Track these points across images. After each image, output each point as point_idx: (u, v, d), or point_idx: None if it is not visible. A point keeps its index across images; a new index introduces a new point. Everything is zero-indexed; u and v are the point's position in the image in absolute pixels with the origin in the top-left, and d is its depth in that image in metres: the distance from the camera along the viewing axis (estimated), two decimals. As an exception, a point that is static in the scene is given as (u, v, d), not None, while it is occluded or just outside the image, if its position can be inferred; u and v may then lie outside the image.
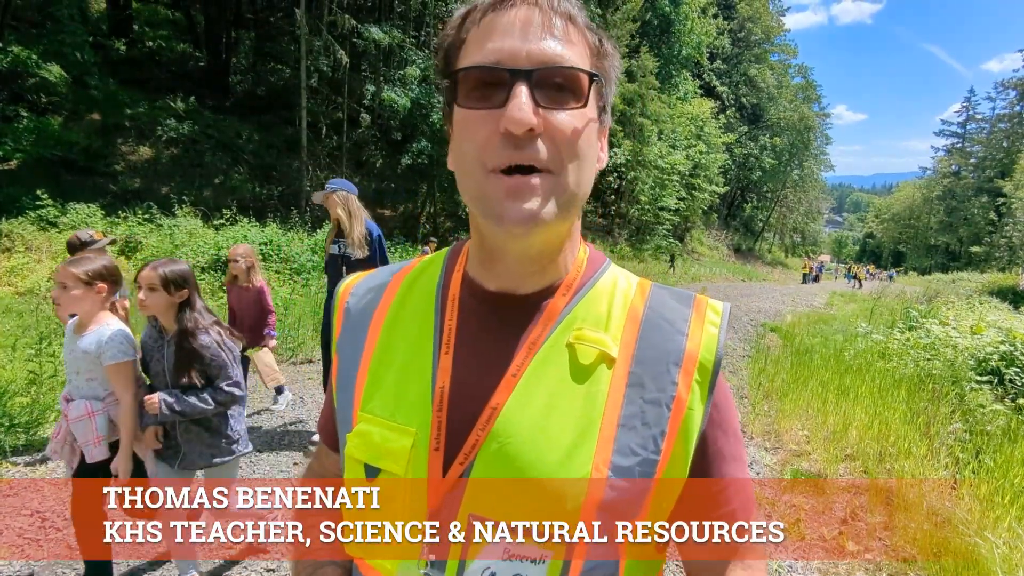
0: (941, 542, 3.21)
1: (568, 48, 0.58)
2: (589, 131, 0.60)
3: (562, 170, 0.57)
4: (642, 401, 0.61)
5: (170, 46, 19.03)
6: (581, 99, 0.58)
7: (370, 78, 16.99)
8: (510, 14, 0.58)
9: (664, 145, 27.41)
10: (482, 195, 0.57)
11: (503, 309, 0.66)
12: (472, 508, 0.59)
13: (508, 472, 0.59)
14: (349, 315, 0.74)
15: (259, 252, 10.57)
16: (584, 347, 0.63)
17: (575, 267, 0.68)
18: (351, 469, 0.66)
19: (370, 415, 0.65)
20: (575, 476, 0.58)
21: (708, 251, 37.94)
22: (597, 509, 0.58)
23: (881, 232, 74.00)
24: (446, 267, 0.72)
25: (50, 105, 13.39)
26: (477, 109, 0.57)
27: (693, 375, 0.62)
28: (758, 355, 8.07)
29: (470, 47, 0.59)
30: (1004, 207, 44.89)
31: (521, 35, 0.57)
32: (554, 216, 0.57)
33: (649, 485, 0.60)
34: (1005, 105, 55.53)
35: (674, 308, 0.67)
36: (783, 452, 4.81)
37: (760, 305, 15.61)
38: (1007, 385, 5.94)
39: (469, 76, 0.58)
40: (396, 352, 0.68)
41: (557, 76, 0.57)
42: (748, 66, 43.68)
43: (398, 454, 0.62)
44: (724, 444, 0.65)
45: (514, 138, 0.55)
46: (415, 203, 18.19)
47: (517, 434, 0.59)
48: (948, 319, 9.97)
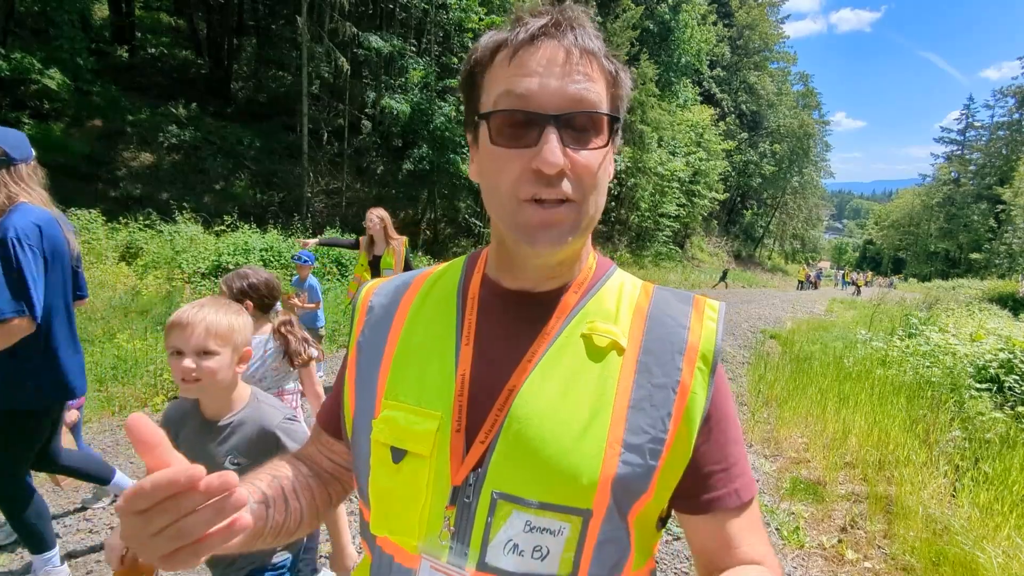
0: (940, 550, 3.21)
1: (591, 86, 0.63)
2: (607, 163, 0.68)
3: (584, 201, 0.65)
4: (650, 385, 0.67)
5: (172, 53, 19.12)
6: (603, 139, 0.65)
7: (371, 85, 17.06)
8: (540, 52, 0.63)
9: (664, 152, 27.48)
10: (516, 223, 0.64)
11: (520, 305, 0.73)
12: (494, 485, 0.64)
13: (527, 450, 0.64)
14: (372, 313, 0.80)
15: (259, 258, 10.58)
16: (597, 336, 0.69)
17: (585, 269, 0.76)
18: (377, 453, 0.70)
19: (395, 401, 0.71)
20: (591, 452, 0.63)
21: (708, 257, 37.96)
22: (611, 483, 0.63)
23: (881, 239, 74.13)
24: (466, 270, 0.80)
25: (52, 111, 13.45)
26: (509, 148, 0.63)
27: (696, 363, 0.69)
28: (757, 362, 8.07)
29: (499, 82, 0.65)
30: (1004, 214, 44.98)
31: (551, 76, 0.62)
32: (576, 239, 0.66)
33: (657, 462, 0.65)
34: (1004, 112, 55.75)
35: (676, 306, 0.74)
36: (782, 459, 4.81)
37: (760, 312, 15.60)
38: (1006, 393, 5.94)
39: (501, 116, 0.64)
40: (420, 345, 0.74)
41: (583, 119, 0.63)
42: (747, 73, 43.85)
43: (423, 436, 0.67)
44: (725, 426, 0.70)
45: (545, 177, 0.61)
46: (416, 209, 18.21)
47: (534, 414, 0.65)
48: (948, 326, 9.97)
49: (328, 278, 10.85)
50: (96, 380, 5.12)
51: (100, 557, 2.87)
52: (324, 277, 10.84)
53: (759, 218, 50.48)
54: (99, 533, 3.07)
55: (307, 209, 15.03)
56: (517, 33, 0.64)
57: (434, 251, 16.52)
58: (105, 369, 5.34)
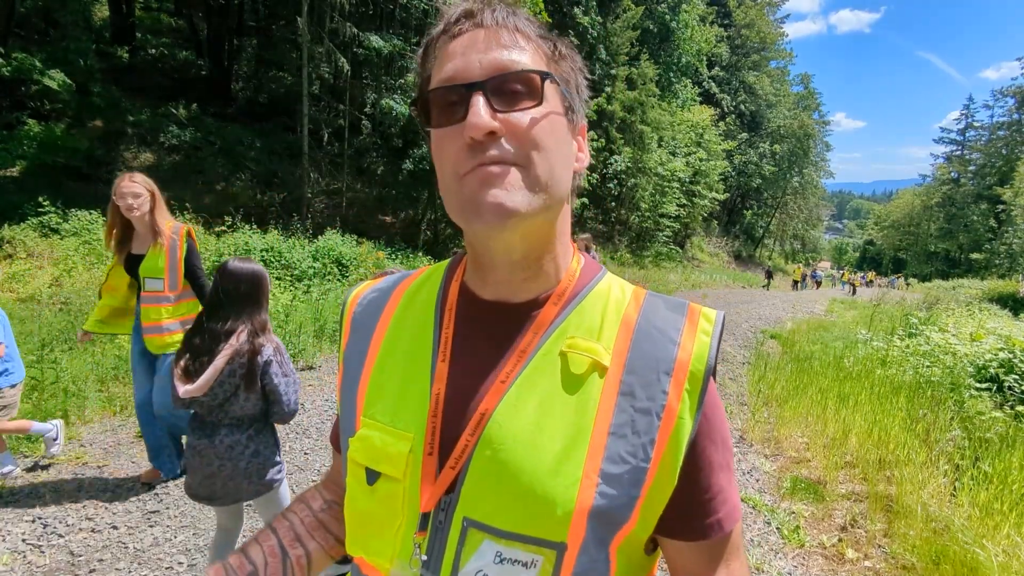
0: (940, 549, 3.22)
1: (518, 54, 0.60)
2: (553, 126, 0.62)
3: (529, 162, 0.59)
4: (633, 410, 0.62)
5: (172, 53, 19.14)
6: (536, 97, 0.60)
7: (371, 86, 17.06)
8: (462, 38, 0.61)
9: (664, 152, 27.48)
10: (460, 199, 0.59)
11: (496, 318, 0.68)
12: (465, 512, 0.60)
13: (500, 477, 0.60)
14: (355, 322, 0.77)
15: (260, 258, 10.58)
16: (576, 355, 0.64)
17: (567, 276, 0.69)
18: (353, 472, 0.68)
19: (372, 420, 0.68)
20: (566, 482, 0.59)
21: (709, 258, 37.94)
22: (587, 515, 0.59)
23: (881, 239, 74.06)
24: (446, 278, 0.75)
25: (53, 112, 13.46)
26: (444, 127, 0.60)
27: (684, 384, 0.63)
28: (758, 362, 8.07)
29: (433, 77, 0.63)
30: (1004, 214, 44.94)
31: (474, 52, 0.60)
32: (528, 207, 0.58)
33: (639, 492, 0.60)
34: (1004, 113, 55.68)
35: (667, 317, 0.68)
36: (783, 459, 4.82)
37: (760, 312, 15.60)
38: (1006, 392, 5.94)
39: (431, 100, 0.61)
40: (397, 360, 0.70)
41: (509, 80, 0.59)
42: (746, 73, 43.85)
43: (396, 458, 0.64)
44: (713, 453, 0.65)
45: (478, 144, 0.58)
46: (416, 210, 18.21)
47: (508, 439, 0.61)
48: (948, 326, 9.98)
49: (328, 278, 10.83)
50: (97, 380, 5.13)
51: (102, 556, 2.88)
52: (325, 277, 10.81)
53: (759, 218, 50.45)
54: (101, 532, 3.08)
55: (307, 209, 15.03)
56: (437, 27, 0.63)
57: (434, 251, 16.52)
58: (106, 369, 5.36)
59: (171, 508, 3.38)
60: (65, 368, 4.95)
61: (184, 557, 2.93)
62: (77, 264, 9.27)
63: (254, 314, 2.24)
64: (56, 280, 8.85)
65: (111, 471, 3.79)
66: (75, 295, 7.93)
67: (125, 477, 3.71)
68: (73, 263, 9.24)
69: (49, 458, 3.82)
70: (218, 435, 2.16)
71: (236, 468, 2.16)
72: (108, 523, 3.17)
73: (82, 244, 10.08)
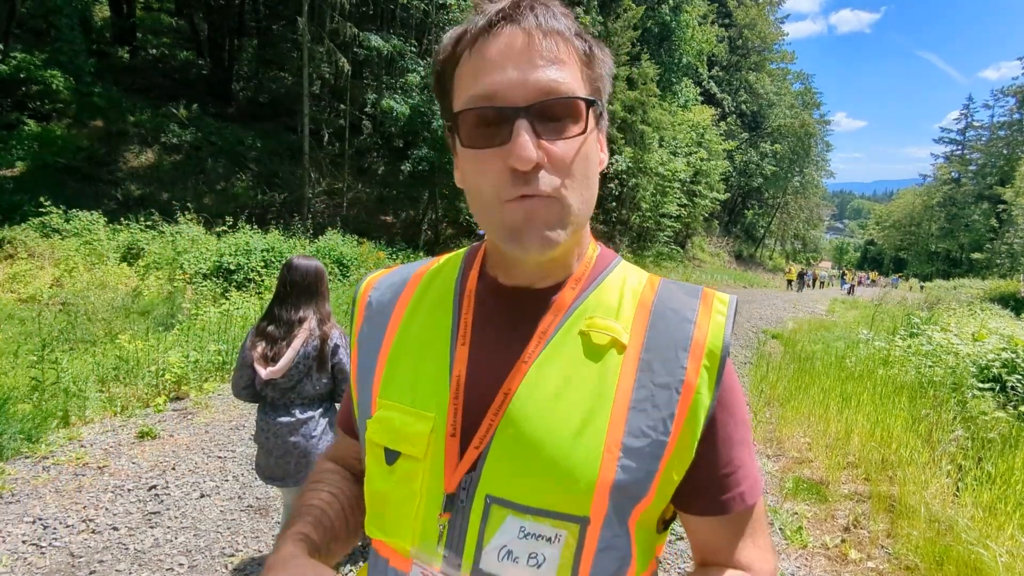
0: (943, 550, 3.20)
1: (561, 70, 0.59)
2: (589, 151, 0.63)
3: (570, 193, 0.60)
4: (652, 385, 0.63)
5: (173, 54, 19.16)
6: (580, 124, 0.60)
7: (372, 86, 17.07)
8: (499, 40, 0.59)
9: (665, 152, 27.43)
10: (504, 225, 0.60)
11: (516, 303, 0.69)
12: (488, 490, 0.61)
13: (522, 451, 0.61)
14: (371, 308, 0.78)
15: (261, 259, 10.57)
16: (596, 334, 0.65)
17: (584, 263, 0.71)
18: (372, 452, 0.69)
19: (389, 401, 0.69)
20: (587, 454, 0.60)
21: (709, 258, 37.91)
22: (609, 488, 0.60)
23: (882, 239, 74.04)
24: (464, 266, 0.77)
25: (53, 112, 13.47)
26: (483, 149, 0.60)
27: (702, 360, 0.64)
28: (760, 362, 8.06)
29: (464, 78, 0.61)
30: (1005, 214, 44.84)
31: (514, 65, 0.58)
32: (565, 237, 0.61)
33: (657, 466, 0.62)
34: (1004, 112, 55.60)
35: (682, 299, 0.69)
36: (785, 459, 4.80)
37: (761, 312, 15.58)
38: (1009, 392, 5.92)
39: (469, 116, 0.60)
40: (415, 343, 0.72)
41: (555, 107, 0.59)
42: (747, 73, 43.83)
43: (417, 438, 0.64)
44: (732, 428, 0.66)
45: (522, 174, 0.58)
46: (417, 210, 18.22)
47: (530, 417, 0.62)
48: (950, 326, 9.95)
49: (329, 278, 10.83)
50: (98, 380, 5.12)
51: (103, 557, 2.87)
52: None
53: (760, 218, 50.42)
54: (101, 533, 3.07)
55: (308, 210, 15.04)
56: (475, 21, 0.61)
57: (435, 251, 16.50)
58: (107, 370, 5.35)
59: (172, 509, 3.37)
60: (65, 368, 4.94)
61: (185, 558, 2.92)
62: (78, 264, 9.27)
63: (320, 304, 2.47)
64: (57, 280, 8.86)
65: (111, 471, 3.78)
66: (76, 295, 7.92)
67: (125, 477, 3.70)
68: (74, 263, 9.24)
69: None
70: (292, 413, 2.38)
71: (309, 443, 2.37)
72: (108, 524, 3.16)
73: (83, 244, 10.09)
